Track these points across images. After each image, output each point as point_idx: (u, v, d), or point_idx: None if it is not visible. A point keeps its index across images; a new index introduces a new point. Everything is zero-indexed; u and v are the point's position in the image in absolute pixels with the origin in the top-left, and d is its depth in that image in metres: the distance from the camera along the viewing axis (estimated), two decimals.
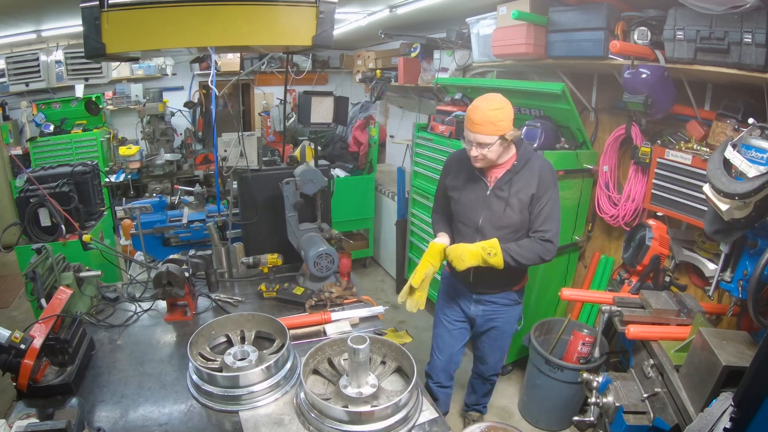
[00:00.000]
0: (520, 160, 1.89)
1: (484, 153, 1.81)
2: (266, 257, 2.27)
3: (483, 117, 1.76)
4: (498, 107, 1.77)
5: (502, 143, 1.81)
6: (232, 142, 2.58)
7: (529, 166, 1.89)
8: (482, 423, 1.43)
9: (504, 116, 1.77)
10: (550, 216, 1.87)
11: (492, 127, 1.76)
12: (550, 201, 1.87)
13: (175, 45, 1.78)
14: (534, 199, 1.87)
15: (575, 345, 2.60)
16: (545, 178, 1.87)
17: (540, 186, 1.87)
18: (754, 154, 1.74)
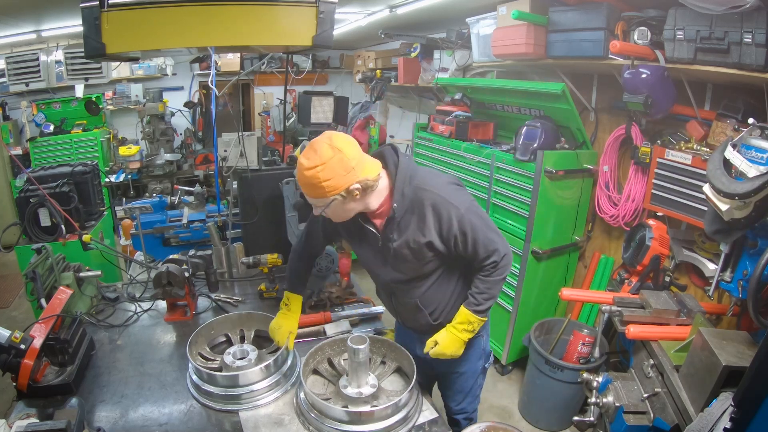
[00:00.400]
0: (398, 201, 1.42)
1: (326, 214, 1.42)
2: (266, 257, 2.27)
3: (301, 179, 1.34)
4: (316, 164, 1.29)
5: (342, 202, 1.36)
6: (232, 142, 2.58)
7: (413, 206, 1.43)
8: (482, 423, 1.43)
9: (329, 174, 1.29)
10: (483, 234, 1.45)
11: (315, 190, 1.32)
12: (472, 223, 1.43)
13: (175, 45, 1.78)
14: (445, 240, 1.45)
15: (575, 345, 2.60)
16: (444, 215, 1.41)
17: (442, 228, 1.43)
18: (754, 154, 1.74)
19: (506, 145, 3.05)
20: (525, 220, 2.82)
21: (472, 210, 1.44)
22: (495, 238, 1.48)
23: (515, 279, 2.93)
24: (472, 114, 3.46)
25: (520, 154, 2.76)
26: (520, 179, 2.82)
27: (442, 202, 1.41)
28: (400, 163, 1.45)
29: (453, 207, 1.41)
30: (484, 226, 1.46)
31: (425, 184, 1.43)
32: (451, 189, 1.45)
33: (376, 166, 1.41)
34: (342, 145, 1.31)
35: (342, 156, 1.30)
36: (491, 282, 1.50)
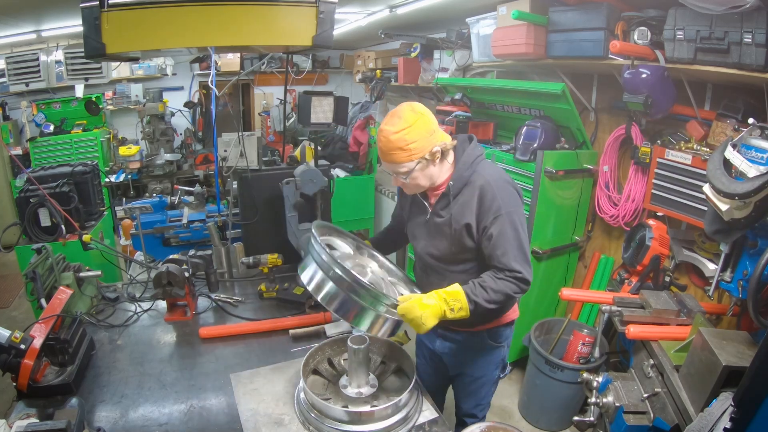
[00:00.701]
0: (456, 179, 1.47)
1: (407, 183, 1.47)
2: (266, 257, 2.27)
3: (387, 144, 1.39)
4: (403, 127, 1.36)
5: (425, 166, 1.43)
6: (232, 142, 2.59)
7: (470, 185, 1.46)
8: (482, 423, 1.42)
9: (415, 136, 1.37)
10: (510, 246, 1.41)
11: (401, 153, 1.38)
12: (504, 228, 1.41)
13: (175, 45, 1.79)
14: (478, 229, 1.46)
15: (575, 345, 2.60)
16: (487, 200, 1.42)
17: (481, 212, 1.44)
18: (754, 154, 1.74)
19: (506, 145, 3.06)
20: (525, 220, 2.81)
21: (512, 217, 1.42)
22: (517, 257, 1.41)
23: None
24: (472, 114, 3.46)
25: (520, 154, 2.76)
26: (520, 179, 2.82)
27: (490, 192, 1.43)
28: (468, 149, 1.51)
29: (496, 202, 1.42)
30: (513, 239, 1.41)
31: (484, 170, 1.48)
32: (506, 188, 1.46)
33: (448, 136, 1.50)
34: (423, 110, 1.41)
35: (425, 119, 1.40)
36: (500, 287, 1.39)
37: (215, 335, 1.94)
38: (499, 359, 1.74)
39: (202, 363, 1.79)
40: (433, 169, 1.46)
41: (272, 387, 1.61)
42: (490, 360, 1.72)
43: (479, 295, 1.39)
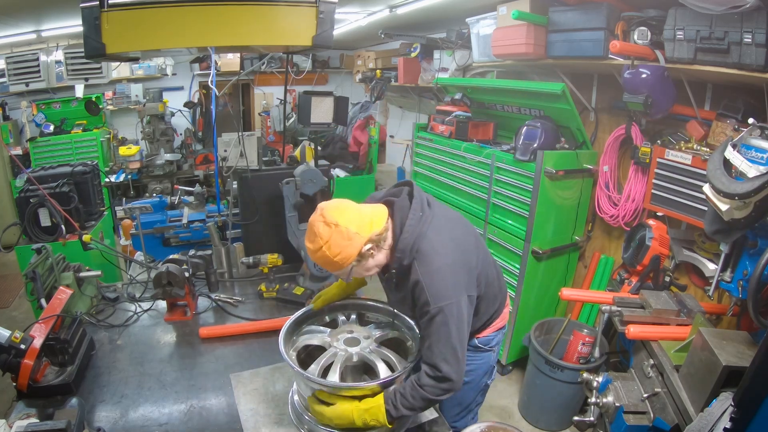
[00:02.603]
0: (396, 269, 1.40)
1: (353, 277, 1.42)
2: (266, 257, 2.27)
3: (317, 260, 1.35)
4: (320, 245, 1.29)
5: (361, 263, 1.35)
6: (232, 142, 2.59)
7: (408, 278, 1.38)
8: (482, 423, 1.42)
9: (336, 249, 1.29)
10: (435, 341, 1.32)
11: (332, 266, 1.33)
12: (433, 324, 1.31)
13: (175, 45, 1.79)
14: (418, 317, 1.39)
15: (575, 345, 2.60)
16: (420, 298, 1.33)
17: (417, 306, 1.37)
18: (754, 154, 1.74)
19: (506, 145, 3.06)
20: (525, 220, 2.82)
21: (444, 315, 1.30)
22: (444, 357, 1.30)
23: (515, 279, 2.93)
24: (472, 114, 3.46)
25: (520, 154, 2.76)
26: (520, 179, 2.82)
27: (420, 287, 1.33)
28: (407, 226, 1.36)
29: (425, 300, 1.32)
30: (442, 338, 1.31)
31: (420, 258, 1.34)
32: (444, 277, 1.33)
33: (381, 215, 1.38)
34: (337, 218, 1.30)
35: (339, 229, 1.29)
36: (419, 395, 1.31)
37: (215, 335, 1.94)
38: (488, 365, 1.72)
39: (202, 363, 1.79)
40: (372, 261, 1.37)
41: (272, 387, 1.62)
42: (479, 365, 1.68)
43: (398, 406, 1.30)
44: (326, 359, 1.39)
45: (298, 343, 1.51)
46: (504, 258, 3.04)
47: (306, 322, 1.62)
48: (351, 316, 1.62)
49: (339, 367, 1.36)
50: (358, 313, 1.65)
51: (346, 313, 1.64)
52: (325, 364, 1.37)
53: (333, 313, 1.65)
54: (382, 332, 1.53)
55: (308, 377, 1.30)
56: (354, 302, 1.68)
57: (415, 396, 1.31)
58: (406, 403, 1.30)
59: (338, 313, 1.64)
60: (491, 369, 1.75)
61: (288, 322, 1.52)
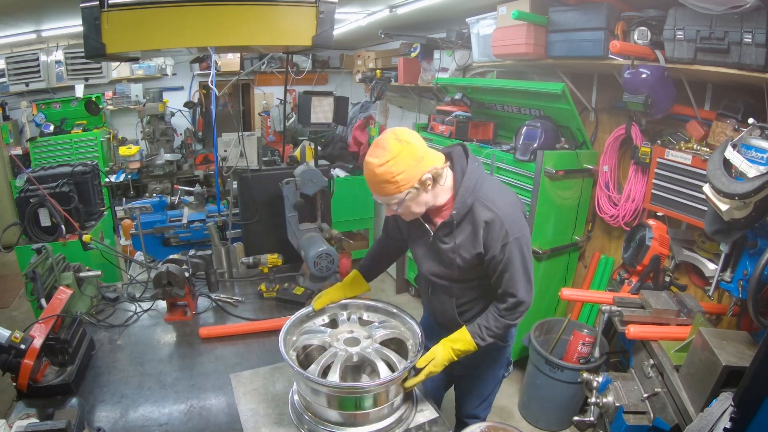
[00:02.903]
0: (459, 208, 1.42)
1: (400, 212, 1.42)
2: (266, 257, 2.27)
3: (373, 178, 1.33)
4: (387, 159, 1.29)
5: (417, 194, 1.37)
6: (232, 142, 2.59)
7: (471, 217, 1.42)
8: (482, 423, 1.42)
9: (402, 166, 1.29)
10: (516, 272, 1.43)
11: (389, 186, 1.32)
12: (512, 254, 1.41)
13: (175, 45, 1.79)
14: (486, 260, 1.45)
15: (575, 345, 2.60)
16: (495, 231, 1.39)
17: (488, 245, 1.41)
18: (754, 154, 1.74)
19: (506, 145, 3.06)
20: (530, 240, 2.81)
21: (519, 245, 1.41)
22: (522, 283, 1.44)
23: None
24: (472, 114, 3.46)
25: (520, 154, 2.76)
26: (520, 179, 2.82)
27: (497, 224, 1.39)
28: (468, 170, 1.43)
29: (504, 232, 1.39)
30: (519, 266, 1.43)
31: (488, 199, 1.41)
32: (512, 213, 1.43)
33: (441, 157, 1.42)
34: (408, 137, 1.33)
35: (411, 147, 1.31)
36: (502, 324, 1.48)
37: (215, 335, 1.94)
38: (504, 357, 1.78)
39: (202, 363, 1.79)
40: (426, 196, 1.39)
41: (272, 387, 1.62)
42: (497, 358, 1.76)
43: (485, 337, 1.49)
44: (326, 359, 1.39)
45: (298, 343, 1.51)
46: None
47: (306, 322, 1.62)
48: (351, 316, 1.62)
49: (339, 367, 1.36)
50: (359, 313, 1.66)
51: (346, 313, 1.64)
52: (325, 364, 1.38)
53: (333, 313, 1.65)
54: (382, 332, 1.53)
55: (308, 377, 1.30)
56: (354, 302, 1.68)
57: (499, 326, 1.48)
58: (491, 332, 1.48)
59: (338, 313, 1.64)
60: (508, 362, 1.83)
61: (288, 322, 1.52)
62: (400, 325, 1.59)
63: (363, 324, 1.62)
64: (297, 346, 1.50)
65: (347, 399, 1.33)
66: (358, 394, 1.34)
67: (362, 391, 1.35)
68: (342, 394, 1.33)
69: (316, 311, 1.64)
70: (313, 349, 1.55)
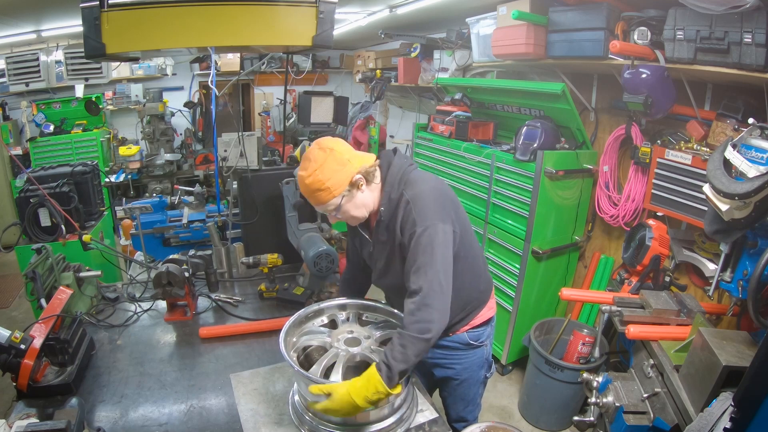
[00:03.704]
0: (386, 204, 1.40)
1: (341, 218, 1.44)
2: (266, 257, 2.27)
3: (306, 189, 1.36)
4: (314, 169, 1.32)
5: (351, 196, 1.37)
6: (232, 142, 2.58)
7: (400, 204, 1.39)
8: (482, 423, 1.42)
9: (328, 173, 1.32)
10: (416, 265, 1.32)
11: (322, 194, 1.34)
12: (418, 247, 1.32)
13: (176, 45, 1.78)
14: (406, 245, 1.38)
15: (575, 345, 2.60)
16: (408, 217, 1.35)
17: (404, 230, 1.37)
18: (754, 154, 1.74)
19: (506, 145, 3.06)
20: (525, 220, 2.82)
21: (430, 235, 1.32)
22: (429, 276, 1.28)
23: (515, 279, 2.93)
24: (472, 114, 3.46)
25: (520, 154, 2.76)
26: (520, 179, 2.82)
27: (407, 208, 1.37)
28: (393, 165, 1.43)
29: (412, 217, 1.35)
30: (428, 255, 1.30)
31: (408, 186, 1.40)
32: (428, 200, 1.36)
33: (370, 157, 1.43)
34: (332, 144, 1.36)
35: (333, 153, 1.34)
36: (407, 338, 1.26)
37: (215, 335, 1.94)
38: (482, 359, 1.72)
39: (202, 363, 1.79)
40: (361, 196, 1.39)
41: (272, 387, 1.61)
42: (474, 360, 1.70)
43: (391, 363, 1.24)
44: (328, 360, 1.39)
45: (299, 344, 1.51)
46: (504, 258, 3.04)
47: (305, 323, 1.62)
48: (350, 317, 1.62)
49: (341, 367, 1.36)
50: (358, 313, 1.66)
51: (345, 314, 1.64)
52: (327, 364, 1.38)
53: (332, 314, 1.65)
54: (383, 332, 1.53)
55: (310, 378, 1.30)
56: (354, 302, 1.68)
57: (404, 343, 1.25)
58: (397, 354, 1.24)
59: (337, 313, 1.64)
60: (488, 363, 1.76)
61: (288, 323, 1.52)
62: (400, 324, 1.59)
63: (362, 324, 1.62)
64: (297, 347, 1.50)
65: None
66: None
67: None
68: None
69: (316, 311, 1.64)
70: (312, 349, 1.55)
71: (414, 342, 1.26)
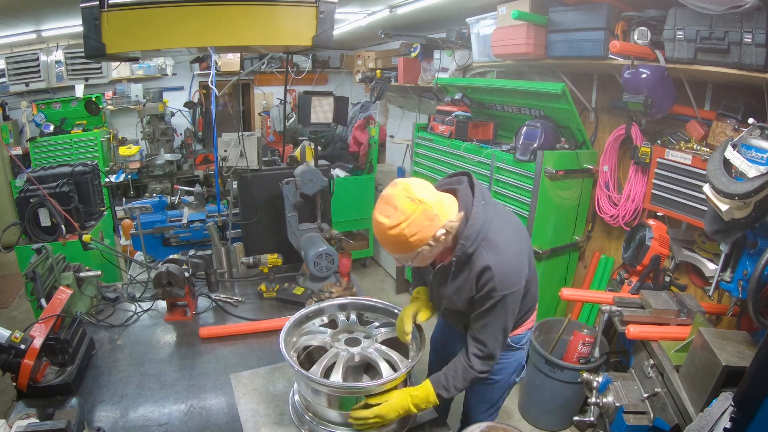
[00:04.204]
0: (458, 257, 1.36)
1: (414, 263, 1.41)
2: (266, 257, 2.27)
3: (384, 238, 1.29)
4: (401, 221, 1.23)
5: (431, 249, 1.32)
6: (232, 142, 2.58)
7: (470, 266, 1.37)
8: (482, 423, 1.42)
9: (416, 228, 1.24)
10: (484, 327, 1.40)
11: (401, 246, 1.27)
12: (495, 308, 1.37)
13: (175, 45, 1.79)
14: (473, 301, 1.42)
15: (575, 345, 2.60)
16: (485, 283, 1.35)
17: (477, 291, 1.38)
18: (754, 154, 1.74)
19: (506, 145, 3.06)
20: (525, 220, 2.82)
21: (507, 301, 1.37)
22: (498, 337, 1.41)
23: None
24: (472, 114, 3.46)
25: (520, 154, 2.76)
26: (520, 179, 2.82)
27: (489, 275, 1.33)
28: (473, 213, 1.35)
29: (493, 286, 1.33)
30: (499, 321, 1.39)
31: (490, 247, 1.35)
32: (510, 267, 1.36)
33: (453, 204, 1.36)
34: (423, 195, 1.25)
35: (425, 206, 1.24)
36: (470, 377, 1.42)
37: (215, 335, 1.94)
38: (518, 362, 1.71)
39: (202, 363, 1.79)
40: (437, 248, 1.33)
41: (272, 387, 1.62)
42: (510, 363, 1.69)
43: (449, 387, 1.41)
44: (328, 360, 1.39)
45: (299, 344, 1.51)
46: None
47: (305, 323, 1.62)
48: (350, 317, 1.62)
49: (342, 367, 1.36)
50: (358, 313, 1.65)
51: (345, 314, 1.64)
52: (327, 364, 1.38)
53: (332, 314, 1.65)
54: (383, 332, 1.53)
55: (310, 378, 1.30)
56: (354, 302, 1.68)
57: (466, 377, 1.42)
58: (458, 384, 1.42)
59: (337, 313, 1.64)
60: (521, 367, 1.74)
61: (288, 323, 1.52)
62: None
63: (362, 324, 1.62)
64: (297, 347, 1.50)
65: (348, 399, 1.33)
66: (359, 394, 1.34)
67: (363, 391, 1.35)
68: (343, 394, 1.33)
69: (316, 312, 1.64)
70: (313, 349, 1.55)
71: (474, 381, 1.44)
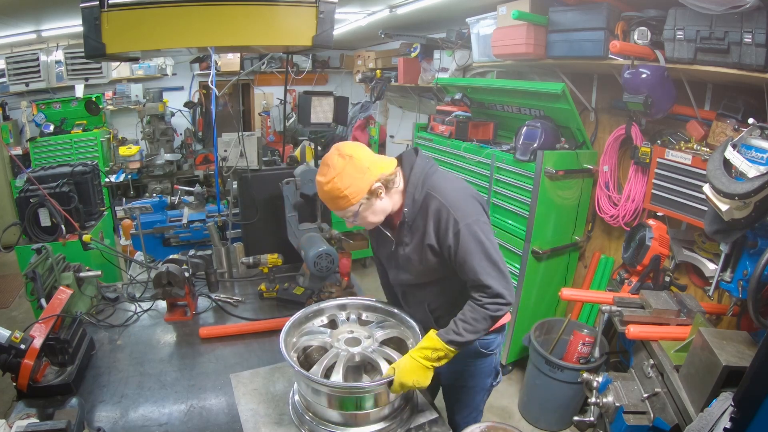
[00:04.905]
0: (409, 206, 1.41)
1: (358, 222, 1.42)
2: (266, 257, 2.27)
3: (324, 195, 1.36)
4: (333, 176, 1.31)
5: (370, 203, 1.37)
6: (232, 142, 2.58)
7: (423, 212, 1.41)
8: (482, 423, 1.42)
9: (347, 181, 1.31)
10: (477, 260, 1.35)
11: (340, 201, 1.34)
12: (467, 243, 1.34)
13: (176, 45, 1.79)
14: (443, 250, 1.40)
15: (575, 345, 2.60)
16: (443, 219, 1.36)
17: (440, 233, 1.38)
18: (754, 154, 1.74)
19: (506, 145, 3.06)
20: (525, 220, 2.82)
21: (472, 230, 1.35)
22: (490, 272, 1.35)
23: (515, 279, 2.93)
24: (472, 114, 3.46)
25: (520, 154, 2.76)
26: (520, 179, 2.82)
27: (443, 212, 1.36)
28: (415, 166, 1.43)
29: (453, 220, 1.35)
30: (479, 252, 1.35)
31: (434, 188, 1.40)
32: (459, 199, 1.39)
33: (391, 162, 1.42)
34: (351, 151, 1.34)
35: (353, 161, 1.32)
36: (480, 315, 1.35)
37: (215, 335, 1.95)
38: (491, 368, 1.70)
39: (202, 363, 1.79)
40: (380, 203, 1.39)
41: (272, 387, 1.62)
42: (483, 369, 1.68)
43: (461, 332, 1.35)
44: (328, 360, 1.39)
45: (299, 344, 1.51)
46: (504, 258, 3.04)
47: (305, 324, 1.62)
48: (350, 317, 1.62)
49: (342, 367, 1.36)
50: (358, 313, 1.65)
51: (345, 314, 1.64)
52: (328, 364, 1.38)
53: (332, 314, 1.65)
54: (383, 332, 1.53)
55: (310, 378, 1.30)
56: (354, 302, 1.68)
57: (476, 317, 1.35)
58: (469, 327, 1.34)
59: (337, 313, 1.64)
60: (495, 372, 1.74)
61: (288, 323, 1.52)
62: (400, 324, 1.59)
63: (362, 324, 1.62)
64: (297, 347, 1.50)
65: (348, 399, 1.33)
66: (359, 394, 1.34)
67: (363, 391, 1.35)
68: (343, 394, 1.33)
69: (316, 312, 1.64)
70: (313, 350, 1.55)
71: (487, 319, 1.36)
